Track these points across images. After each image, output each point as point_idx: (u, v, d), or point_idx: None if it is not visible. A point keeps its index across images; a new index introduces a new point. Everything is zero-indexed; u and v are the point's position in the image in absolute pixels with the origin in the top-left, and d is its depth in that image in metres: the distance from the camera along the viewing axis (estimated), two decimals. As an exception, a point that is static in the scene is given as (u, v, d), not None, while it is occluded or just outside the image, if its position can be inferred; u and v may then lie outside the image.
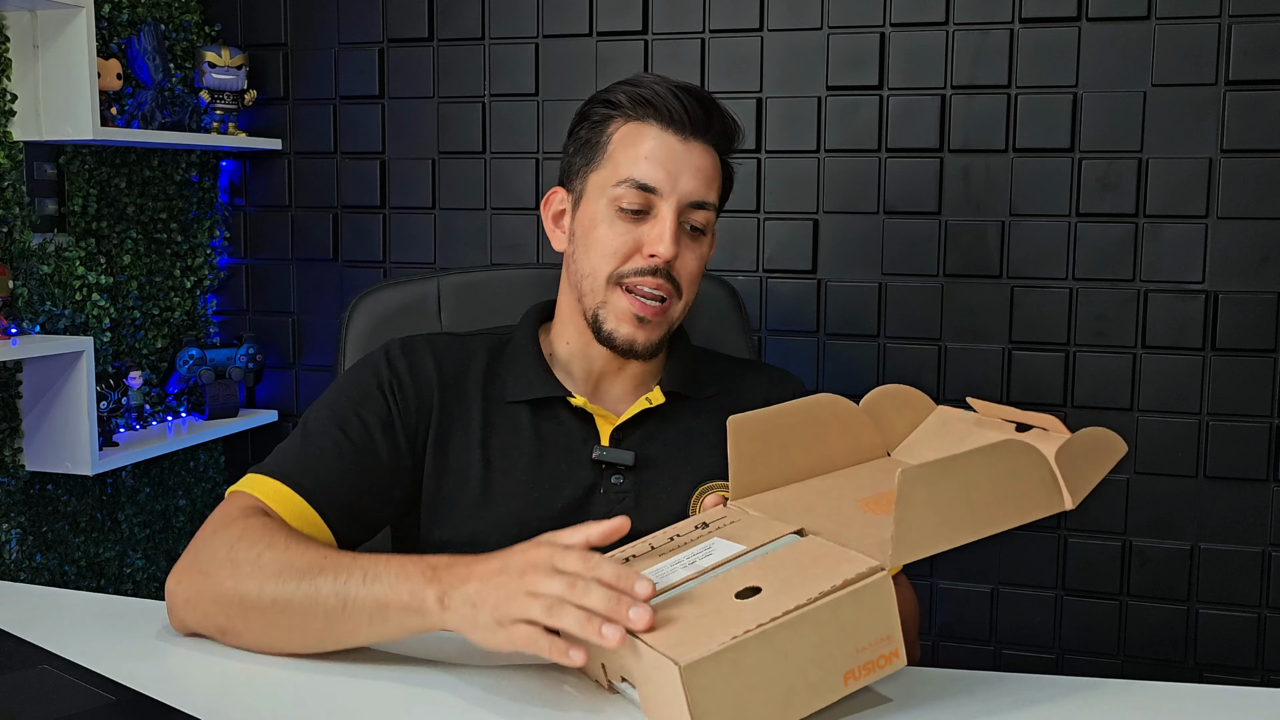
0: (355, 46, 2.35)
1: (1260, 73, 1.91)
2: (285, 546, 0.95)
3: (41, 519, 2.08)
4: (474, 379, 1.19)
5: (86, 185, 2.15)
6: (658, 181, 1.13)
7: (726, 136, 1.19)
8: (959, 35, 2.04)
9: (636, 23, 2.18)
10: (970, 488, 0.83)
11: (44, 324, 2.05)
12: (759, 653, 0.76)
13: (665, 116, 1.14)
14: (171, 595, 0.99)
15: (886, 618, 0.80)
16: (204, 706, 0.83)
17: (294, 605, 0.92)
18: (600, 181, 1.16)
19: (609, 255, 1.14)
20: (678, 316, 1.18)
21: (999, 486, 0.85)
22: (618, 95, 1.17)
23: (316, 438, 1.11)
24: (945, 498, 0.82)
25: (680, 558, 0.88)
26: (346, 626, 0.91)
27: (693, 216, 1.15)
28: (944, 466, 0.82)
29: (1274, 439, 1.96)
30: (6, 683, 0.85)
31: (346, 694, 0.90)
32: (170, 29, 2.32)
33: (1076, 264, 2.02)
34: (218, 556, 0.97)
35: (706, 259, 1.20)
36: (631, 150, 1.14)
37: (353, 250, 2.40)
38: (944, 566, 2.11)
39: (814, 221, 2.13)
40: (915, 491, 0.80)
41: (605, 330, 1.15)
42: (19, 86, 1.97)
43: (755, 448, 0.98)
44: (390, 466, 1.13)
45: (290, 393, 2.47)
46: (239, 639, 0.96)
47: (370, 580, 0.90)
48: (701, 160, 1.15)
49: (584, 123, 1.20)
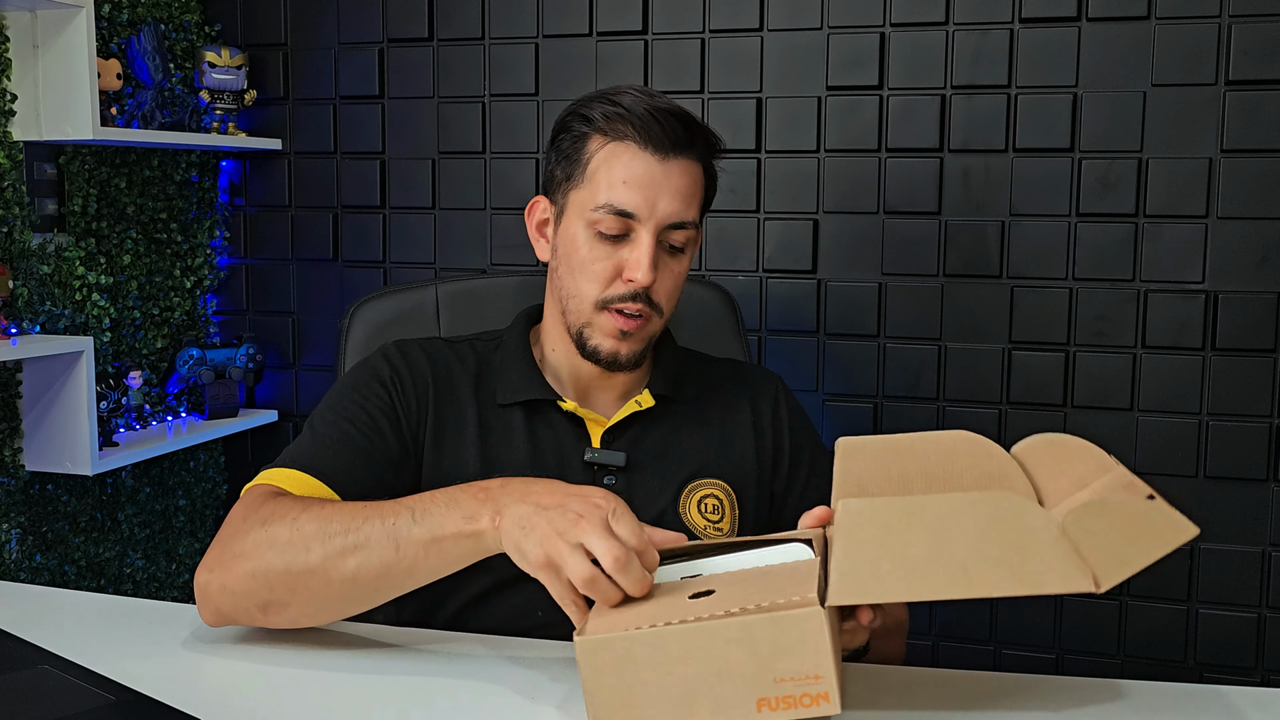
0: (355, 46, 2.35)
1: (1260, 73, 1.91)
2: (320, 510, 0.96)
3: (41, 519, 2.08)
4: (466, 382, 1.20)
5: (86, 185, 2.15)
6: (635, 207, 1.12)
7: (708, 148, 1.18)
8: (959, 35, 2.04)
9: (636, 23, 2.18)
10: (940, 537, 0.75)
11: (44, 324, 2.05)
12: (656, 649, 0.76)
13: (644, 138, 1.13)
14: (203, 587, 0.98)
15: (814, 654, 0.74)
16: (204, 706, 0.83)
17: (345, 559, 0.92)
18: (580, 202, 1.16)
19: (592, 280, 1.14)
20: (657, 330, 1.19)
21: (985, 545, 0.75)
22: (594, 110, 1.16)
23: (325, 432, 1.12)
24: (902, 541, 0.75)
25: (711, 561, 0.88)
26: (403, 566, 0.91)
27: (672, 237, 1.15)
28: (900, 507, 0.76)
29: (1274, 439, 1.96)
30: (6, 683, 0.85)
31: (347, 690, 0.90)
32: (170, 29, 2.32)
33: (1076, 264, 2.02)
34: (252, 537, 0.96)
35: (686, 272, 1.20)
36: (610, 174, 1.13)
37: (353, 250, 2.40)
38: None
39: (814, 221, 2.13)
40: (859, 528, 0.75)
41: (590, 347, 1.17)
42: (19, 86, 1.97)
43: (865, 470, 0.91)
44: (398, 457, 1.14)
45: (290, 393, 2.47)
46: (284, 612, 0.96)
47: (420, 516, 0.92)
48: (681, 180, 1.14)
49: (564, 134, 1.20)
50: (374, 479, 1.10)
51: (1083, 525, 0.75)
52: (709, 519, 1.18)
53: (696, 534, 1.16)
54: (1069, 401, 2.05)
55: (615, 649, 0.76)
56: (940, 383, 2.09)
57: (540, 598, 1.13)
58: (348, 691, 0.90)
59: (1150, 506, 0.77)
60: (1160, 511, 0.77)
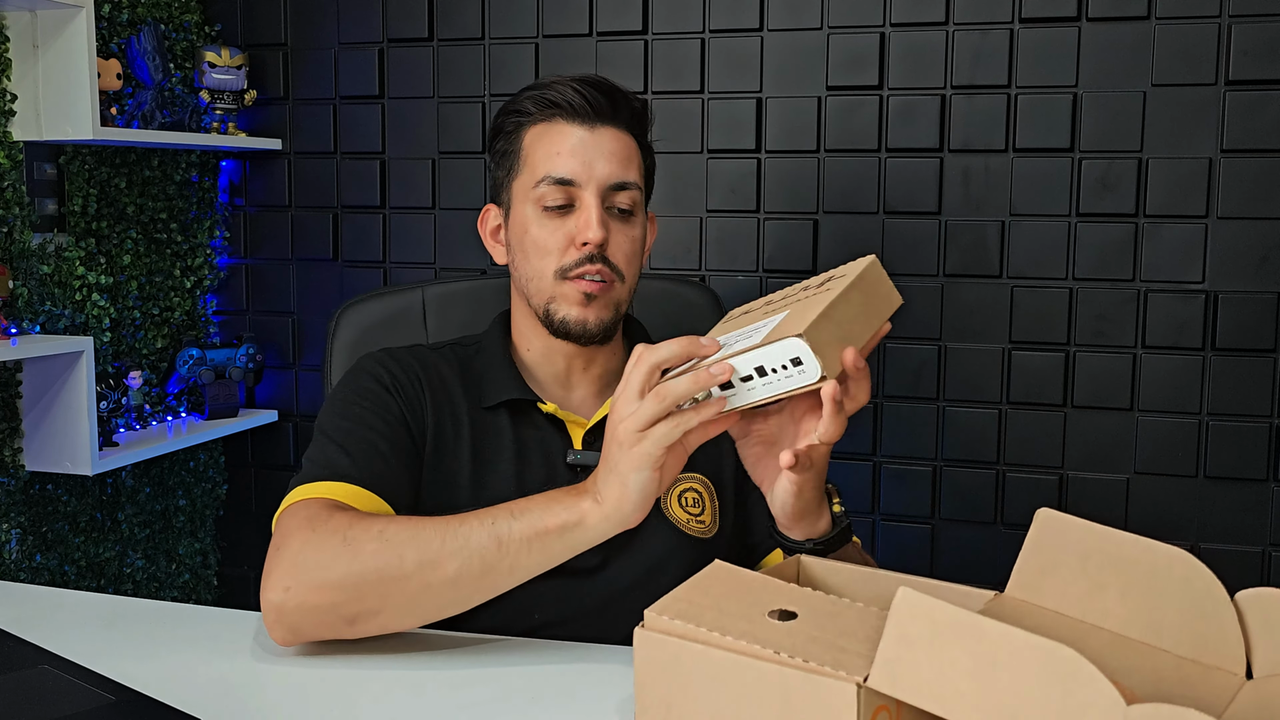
0: (355, 46, 2.35)
1: (1260, 73, 1.91)
2: (402, 520, 0.97)
3: (41, 519, 2.08)
4: (454, 386, 1.20)
5: (86, 185, 2.15)
6: (573, 172, 1.14)
7: (635, 118, 1.20)
8: (959, 35, 2.04)
9: (636, 23, 2.18)
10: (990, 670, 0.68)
11: (44, 324, 2.05)
12: (703, 662, 0.76)
13: (569, 111, 1.16)
14: (279, 607, 0.95)
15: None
16: (203, 706, 0.83)
17: (443, 561, 0.93)
18: (522, 187, 1.18)
19: (546, 253, 1.15)
20: (624, 298, 1.19)
21: (1037, 700, 0.67)
22: (523, 103, 1.20)
23: (352, 441, 1.11)
24: (950, 656, 0.70)
25: (748, 329, 0.94)
26: (505, 564, 0.93)
27: (616, 199, 1.16)
28: (957, 618, 0.70)
29: (1274, 439, 1.96)
30: (6, 683, 0.85)
31: (347, 690, 0.90)
32: (170, 29, 2.32)
33: (1076, 264, 2.02)
34: (331, 551, 0.95)
35: (643, 241, 1.20)
36: (544, 149, 1.16)
37: (352, 250, 2.40)
38: (944, 560, 2.11)
39: (814, 221, 2.13)
40: (909, 620, 0.72)
41: (558, 320, 1.16)
42: (19, 86, 1.97)
43: (1058, 557, 0.86)
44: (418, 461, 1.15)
45: (290, 393, 2.47)
46: (374, 620, 0.95)
47: (519, 514, 0.95)
48: (614, 144, 1.16)
49: (499, 136, 1.23)
50: (411, 484, 1.11)
51: None
52: (690, 512, 1.19)
53: (681, 528, 1.17)
54: (1069, 402, 2.05)
55: (667, 649, 0.77)
56: (940, 383, 2.09)
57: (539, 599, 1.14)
58: (347, 691, 0.90)
59: None
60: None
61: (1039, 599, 0.86)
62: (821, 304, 0.89)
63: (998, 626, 0.67)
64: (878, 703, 0.72)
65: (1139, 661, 0.80)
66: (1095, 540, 0.84)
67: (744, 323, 0.98)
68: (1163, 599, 0.81)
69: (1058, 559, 0.85)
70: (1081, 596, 0.84)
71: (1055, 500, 2.05)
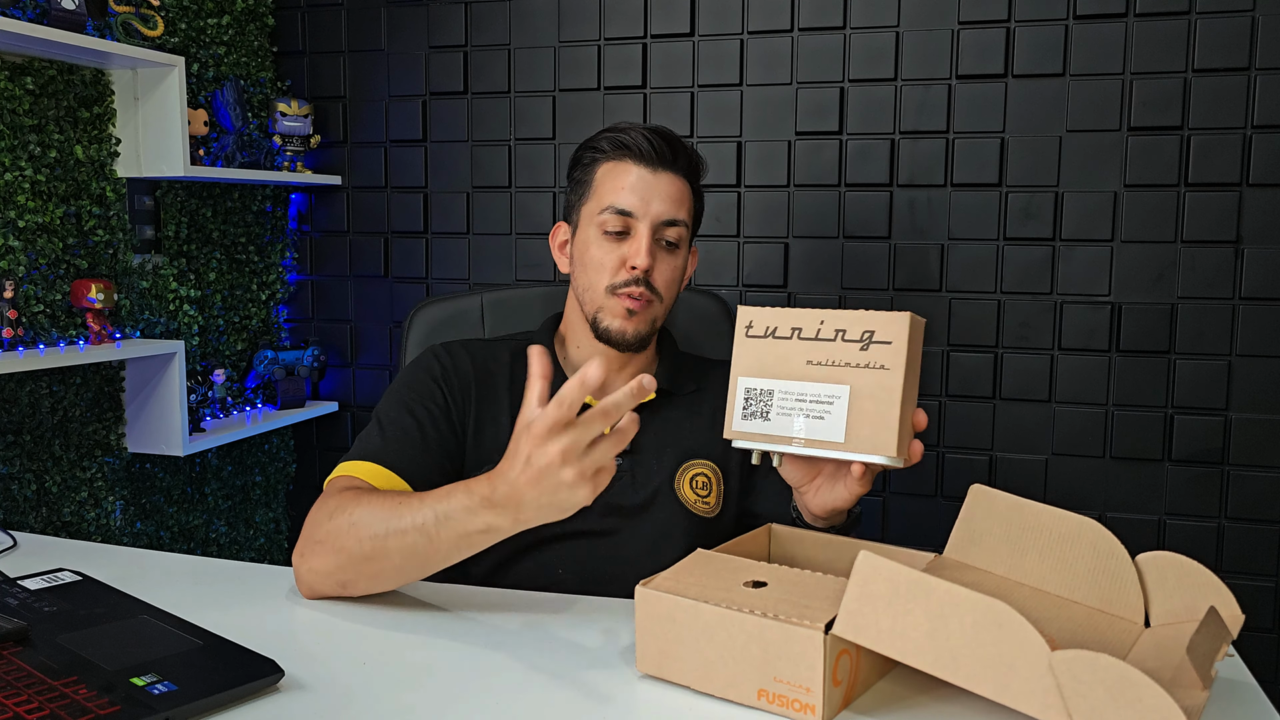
0: (403, 99, 2.35)
1: (1156, 120, 1.91)
2: (369, 504, 0.94)
3: (141, 493, 2.08)
4: (502, 377, 1.20)
5: (179, 214, 2.15)
6: (633, 206, 1.14)
7: (691, 166, 1.19)
8: (905, 89, 2.03)
9: (637, 79, 2.18)
10: (938, 621, 0.68)
11: (143, 330, 2.05)
12: (693, 617, 0.75)
13: (637, 154, 1.16)
14: (297, 570, 0.97)
15: (808, 669, 0.71)
16: (276, 649, 0.83)
17: (389, 550, 0.91)
18: (589, 212, 1.18)
19: (602, 271, 1.15)
20: (660, 315, 1.19)
21: (977, 645, 0.66)
22: (600, 142, 1.19)
23: (391, 425, 1.11)
24: (905, 609, 0.69)
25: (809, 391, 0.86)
26: (438, 558, 0.90)
27: (666, 233, 1.16)
28: (912, 578, 0.68)
29: (1169, 426, 1.96)
30: (113, 629, 0.85)
31: (394, 635, 0.89)
32: (248, 84, 2.31)
33: (1004, 280, 2.02)
34: (324, 529, 0.96)
35: (683, 270, 1.20)
36: (612, 184, 1.16)
37: (400, 268, 2.39)
38: (894, 526, 2.11)
39: (785, 244, 2.13)
40: (870, 579, 0.70)
41: (602, 327, 1.17)
42: (123, 131, 1.97)
43: (985, 524, 0.85)
44: (452, 445, 1.14)
45: (349, 387, 2.47)
46: (356, 588, 0.96)
47: (440, 521, 0.87)
48: (670, 187, 1.16)
49: (577, 166, 1.22)
50: (435, 466, 1.10)
51: (1071, 670, 0.63)
52: (699, 494, 1.18)
53: (688, 507, 1.16)
54: (998, 394, 2.04)
55: (663, 605, 0.77)
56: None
57: (560, 558, 1.13)
58: (394, 636, 0.90)
59: (1153, 691, 0.60)
60: (1161, 701, 0.60)
61: (971, 559, 0.87)
62: (893, 400, 0.82)
63: (944, 584, 0.68)
64: (840, 647, 0.72)
65: (1055, 612, 0.81)
66: (1018, 511, 0.85)
67: (784, 360, 0.88)
68: (1075, 560, 0.82)
69: (987, 526, 0.86)
70: (1007, 557, 0.85)
71: (986, 477, 2.05)
